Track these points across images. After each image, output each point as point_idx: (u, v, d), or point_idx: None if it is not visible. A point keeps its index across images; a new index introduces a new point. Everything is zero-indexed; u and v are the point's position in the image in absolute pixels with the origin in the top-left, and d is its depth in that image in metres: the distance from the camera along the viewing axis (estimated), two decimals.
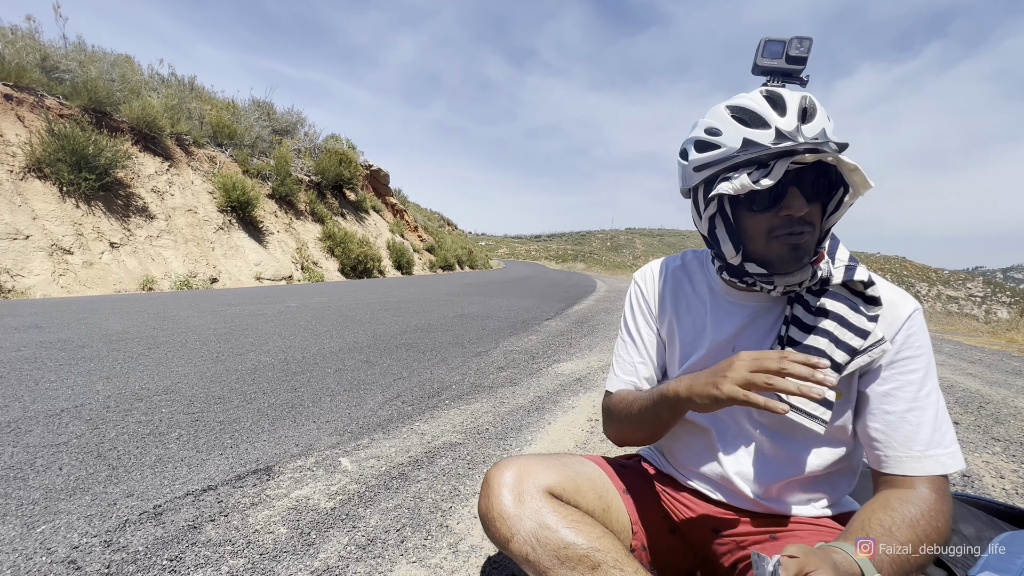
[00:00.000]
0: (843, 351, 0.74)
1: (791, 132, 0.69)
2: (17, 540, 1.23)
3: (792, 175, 0.72)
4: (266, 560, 1.21)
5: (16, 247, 6.50)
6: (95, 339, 3.53)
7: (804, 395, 0.60)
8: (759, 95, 0.72)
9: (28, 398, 2.25)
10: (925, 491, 0.69)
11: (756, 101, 0.72)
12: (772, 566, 0.52)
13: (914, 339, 0.75)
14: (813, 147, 0.67)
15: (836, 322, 0.75)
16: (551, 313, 6.57)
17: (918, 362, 0.74)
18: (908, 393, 0.73)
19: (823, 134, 0.69)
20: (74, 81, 8.66)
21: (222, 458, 1.77)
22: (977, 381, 3.92)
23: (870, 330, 0.73)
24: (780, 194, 0.72)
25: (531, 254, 76.56)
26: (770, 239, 0.75)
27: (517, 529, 0.80)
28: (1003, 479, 2.01)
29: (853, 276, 0.75)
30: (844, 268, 0.76)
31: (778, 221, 0.73)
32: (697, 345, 0.89)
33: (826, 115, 0.70)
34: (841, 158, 0.67)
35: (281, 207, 12.61)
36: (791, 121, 0.69)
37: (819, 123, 0.69)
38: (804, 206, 0.71)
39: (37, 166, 7.38)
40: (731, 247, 0.79)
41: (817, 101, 0.71)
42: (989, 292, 49.39)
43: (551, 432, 2.26)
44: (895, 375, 0.74)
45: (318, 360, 3.30)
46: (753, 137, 0.70)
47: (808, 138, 0.68)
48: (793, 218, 0.72)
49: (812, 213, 0.74)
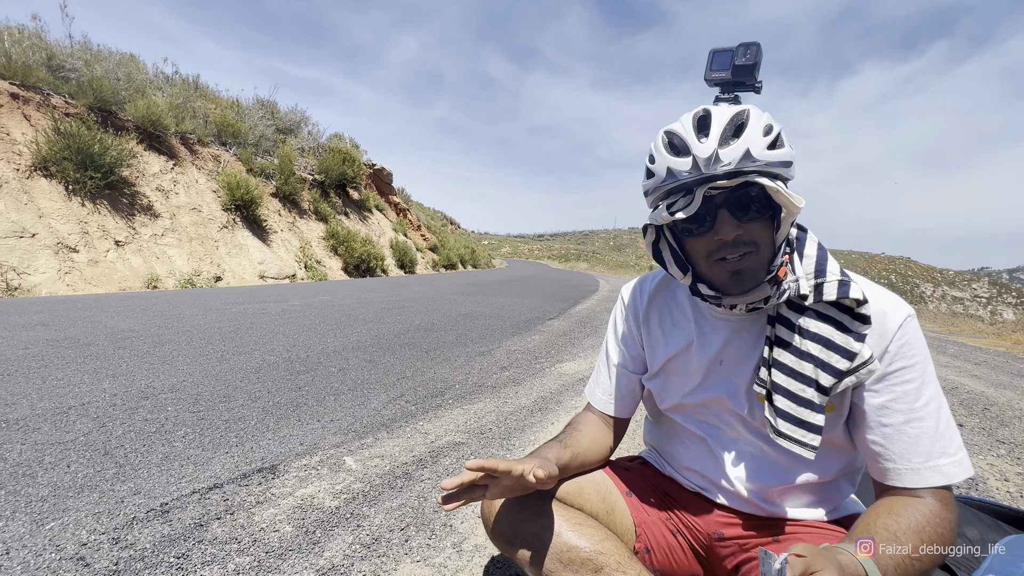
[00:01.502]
0: (829, 374, 0.72)
1: (707, 158, 0.68)
2: (27, 537, 1.24)
3: (720, 198, 0.72)
4: (272, 558, 1.22)
5: (22, 245, 6.55)
6: (101, 337, 3.56)
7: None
8: (688, 118, 0.72)
9: (36, 396, 2.27)
10: (928, 500, 0.68)
11: (684, 126, 0.72)
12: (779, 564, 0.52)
13: (907, 348, 0.72)
14: (731, 172, 0.68)
15: (822, 344, 0.73)
16: (554, 313, 6.57)
17: (913, 372, 0.71)
18: (904, 404, 0.70)
19: (747, 155, 0.67)
20: (80, 80, 8.70)
21: (228, 456, 1.78)
22: (982, 383, 3.90)
23: (857, 351, 0.70)
24: (712, 218, 0.73)
25: (534, 253, 76.53)
26: (711, 263, 0.76)
27: (520, 531, 0.81)
28: (1008, 482, 2.01)
29: (848, 293, 0.71)
30: (837, 284, 0.72)
31: (714, 244, 0.74)
32: (686, 362, 0.88)
33: (762, 130, 0.68)
34: (760, 180, 0.67)
35: (285, 206, 12.65)
36: (710, 146, 0.68)
37: (744, 143, 0.67)
38: (734, 229, 0.72)
39: (43, 164, 7.43)
40: (678, 270, 0.81)
41: (755, 117, 0.70)
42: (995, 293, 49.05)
43: (554, 432, 2.26)
44: (890, 387, 0.72)
45: (322, 359, 3.31)
46: (674, 166, 0.71)
47: (727, 161, 0.68)
48: (726, 241, 0.72)
49: (753, 231, 0.72)
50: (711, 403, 0.85)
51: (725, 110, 0.71)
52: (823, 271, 0.74)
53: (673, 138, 0.73)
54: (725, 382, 0.83)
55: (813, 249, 0.77)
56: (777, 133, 0.69)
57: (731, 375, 0.82)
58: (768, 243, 0.73)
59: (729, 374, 0.83)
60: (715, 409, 0.85)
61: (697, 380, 0.86)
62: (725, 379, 0.83)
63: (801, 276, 0.75)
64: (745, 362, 0.81)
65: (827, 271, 0.74)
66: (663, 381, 0.92)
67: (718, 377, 0.84)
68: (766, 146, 0.68)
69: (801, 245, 0.77)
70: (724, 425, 0.85)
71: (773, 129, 0.69)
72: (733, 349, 0.83)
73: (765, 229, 0.73)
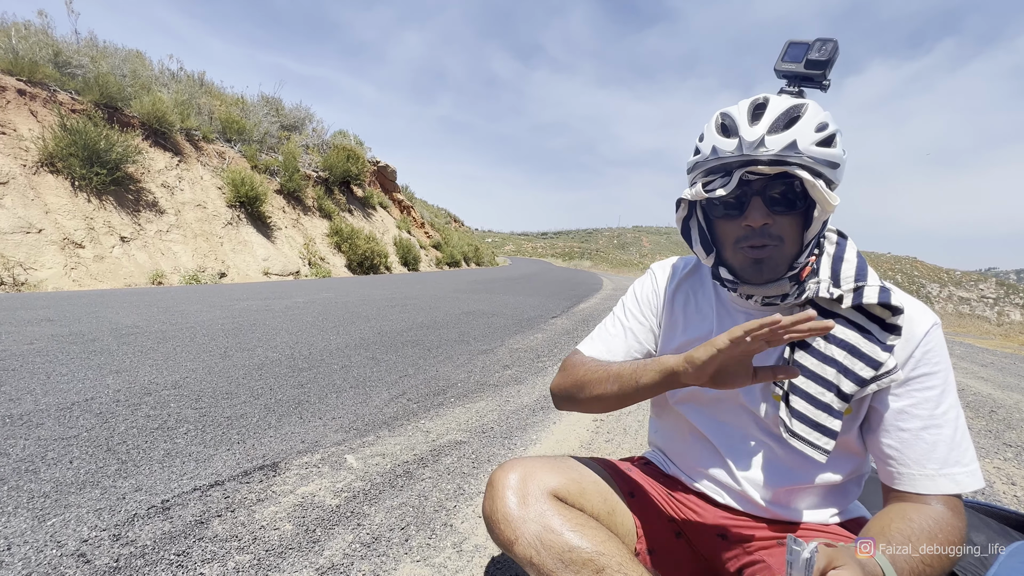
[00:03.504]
0: (852, 381, 0.72)
1: (752, 142, 0.69)
2: (28, 532, 1.24)
3: (758, 185, 0.72)
4: (272, 556, 1.22)
5: (29, 241, 6.59)
6: (105, 333, 3.57)
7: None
8: (746, 103, 0.73)
9: (40, 391, 2.28)
10: (939, 507, 0.68)
11: (740, 109, 0.73)
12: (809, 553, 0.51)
13: (931, 355, 0.72)
14: (772, 159, 0.67)
15: (847, 351, 0.72)
16: (557, 311, 6.57)
17: (935, 379, 0.71)
18: (924, 411, 0.71)
19: (793, 145, 0.67)
20: (86, 76, 8.74)
21: (229, 454, 1.78)
22: (989, 385, 3.86)
23: (883, 360, 0.70)
24: (745, 202, 0.73)
25: (537, 251, 76.49)
26: (736, 248, 0.76)
27: (521, 532, 0.80)
28: (1015, 486, 1.99)
29: (889, 299, 0.71)
30: (878, 289, 0.72)
31: (742, 231, 0.74)
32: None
33: (815, 126, 0.68)
34: (799, 173, 0.66)
35: (289, 203, 12.68)
36: (758, 131, 0.69)
37: (792, 134, 0.68)
38: (763, 217, 0.72)
39: (50, 160, 7.48)
40: (702, 250, 0.81)
41: (811, 112, 0.70)
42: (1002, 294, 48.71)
43: (556, 432, 2.25)
44: (911, 392, 0.72)
45: (324, 356, 3.31)
46: (720, 145, 0.72)
47: (772, 149, 0.68)
48: (753, 228, 0.72)
49: (780, 226, 0.72)
50: (725, 398, 0.85)
51: (784, 100, 0.72)
52: (864, 275, 0.75)
53: (726, 119, 0.73)
54: None
55: (853, 255, 0.77)
56: (831, 133, 0.69)
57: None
58: (795, 239, 0.73)
59: None
60: (728, 405, 0.85)
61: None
62: None
63: (825, 279, 0.75)
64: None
65: (868, 276, 0.75)
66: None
67: None
68: (815, 142, 0.68)
69: (841, 250, 0.78)
70: (735, 422, 0.85)
71: (828, 127, 0.69)
72: None
73: (794, 225, 0.73)
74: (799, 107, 0.70)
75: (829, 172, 0.69)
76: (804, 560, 0.51)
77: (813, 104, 0.72)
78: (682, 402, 0.91)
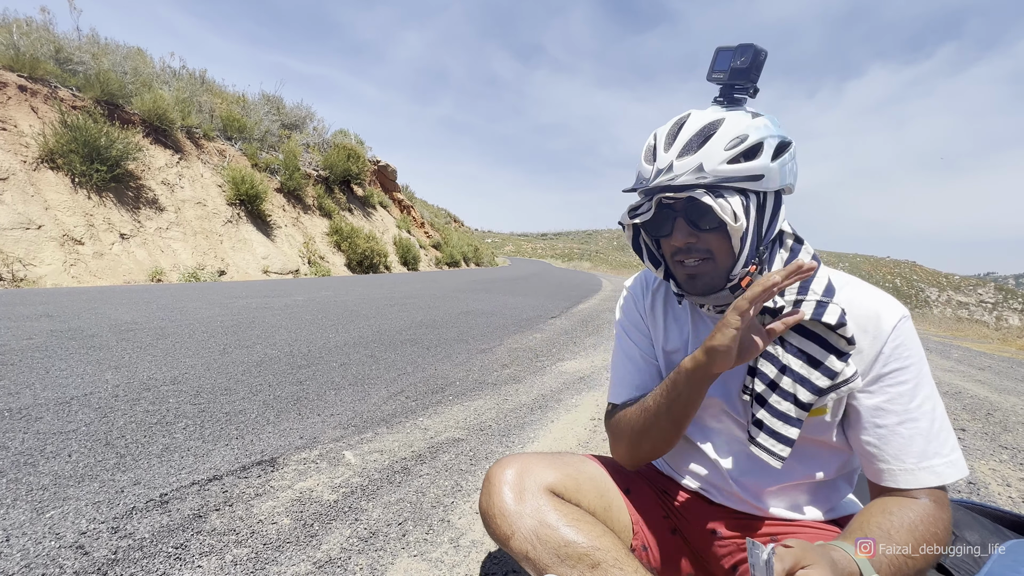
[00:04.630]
0: (808, 390, 0.72)
1: (663, 169, 0.72)
2: (27, 524, 1.25)
3: (679, 206, 0.74)
4: (269, 550, 1.22)
5: (28, 237, 6.59)
6: (105, 329, 3.58)
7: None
8: (667, 125, 0.76)
9: (39, 385, 2.28)
10: (923, 500, 0.68)
11: (663, 131, 0.75)
12: (767, 555, 0.52)
13: (902, 349, 0.71)
14: (679, 185, 0.71)
15: (803, 360, 0.73)
16: (556, 312, 6.57)
17: (907, 373, 0.71)
18: (899, 406, 0.71)
19: (699, 168, 0.69)
20: (87, 73, 8.74)
21: (228, 449, 1.79)
22: (986, 388, 3.88)
23: (838, 371, 0.71)
24: (672, 223, 0.76)
25: (537, 252, 76.49)
26: (673, 262, 0.80)
27: (518, 526, 0.81)
28: (1010, 487, 1.99)
29: (821, 316, 0.71)
30: (814, 304, 0.72)
31: (672, 248, 0.78)
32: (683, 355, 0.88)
33: (726, 143, 0.69)
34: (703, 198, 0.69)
35: (289, 201, 12.68)
36: (668, 157, 0.72)
37: (699, 157, 0.70)
38: (685, 237, 0.75)
39: (50, 157, 7.47)
40: (651, 265, 0.85)
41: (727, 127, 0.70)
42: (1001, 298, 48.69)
43: (554, 430, 2.26)
44: (884, 388, 0.72)
45: (323, 354, 3.32)
46: (642, 171, 0.76)
47: (678, 173, 0.70)
48: (679, 247, 0.76)
49: (707, 241, 0.74)
50: (708, 405, 0.85)
51: (704, 116, 0.73)
52: (806, 288, 0.75)
53: (653, 141, 0.77)
54: (720, 385, 0.83)
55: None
56: (751, 144, 0.69)
57: (726, 378, 0.83)
58: (726, 253, 0.74)
59: (724, 377, 0.83)
60: (712, 411, 0.86)
61: None
62: (720, 382, 0.83)
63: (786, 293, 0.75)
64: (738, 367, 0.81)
65: (810, 288, 0.74)
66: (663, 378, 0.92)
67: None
68: (726, 160, 0.69)
69: (794, 257, 0.78)
70: (720, 427, 0.86)
71: (746, 140, 0.69)
72: None
73: (723, 239, 0.73)
74: (715, 124, 0.71)
75: (751, 185, 0.70)
76: (763, 562, 0.52)
77: (733, 116, 0.72)
78: None
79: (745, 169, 0.69)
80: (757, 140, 0.70)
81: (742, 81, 0.77)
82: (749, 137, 0.70)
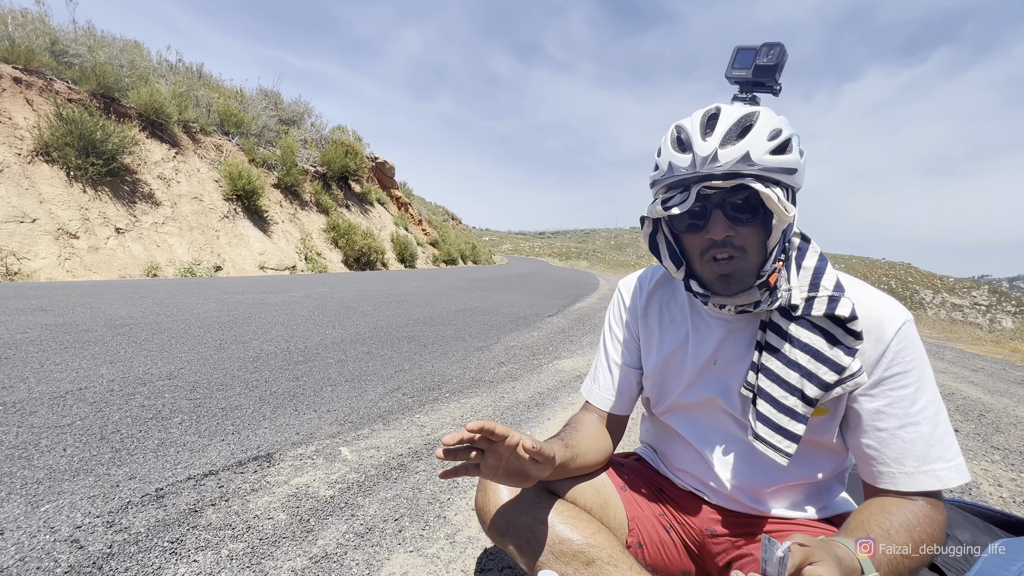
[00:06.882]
0: (815, 385, 0.72)
1: (706, 157, 0.68)
2: (22, 518, 1.24)
3: (717, 198, 0.72)
4: (265, 545, 1.23)
5: (23, 230, 6.54)
6: (100, 323, 3.56)
7: None
8: (698, 115, 0.73)
9: (33, 379, 2.27)
10: (919, 502, 0.69)
11: (693, 121, 0.72)
12: (782, 552, 0.52)
13: (904, 353, 0.71)
14: (726, 173, 0.68)
15: (810, 355, 0.72)
16: (553, 310, 6.58)
17: (909, 377, 0.71)
18: (900, 409, 0.70)
19: (746, 157, 0.67)
20: (83, 66, 8.67)
21: (224, 444, 1.78)
22: (979, 389, 3.91)
23: (845, 365, 0.70)
24: (707, 216, 0.74)
25: (534, 250, 76.48)
26: (702, 261, 0.77)
27: (513, 523, 0.81)
28: (1001, 487, 2.01)
29: (835, 310, 0.71)
30: (827, 299, 0.72)
31: (705, 243, 0.75)
32: (681, 360, 0.88)
33: (768, 134, 0.68)
34: (754, 185, 0.67)
35: (286, 197, 12.63)
36: (711, 145, 0.68)
37: (745, 146, 0.67)
38: (724, 229, 0.72)
39: (45, 150, 7.41)
40: (671, 264, 0.81)
41: (764, 120, 0.69)
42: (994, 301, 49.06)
43: (551, 427, 2.26)
44: (886, 391, 0.71)
45: (320, 350, 3.31)
46: (675, 161, 0.72)
47: (726, 162, 0.68)
48: (715, 241, 0.73)
49: (743, 236, 0.72)
50: (705, 402, 0.85)
51: (736, 110, 0.71)
52: (817, 285, 0.74)
53: (681, 132, 0.73)
54: (719, 382, 0.83)
55: (812, 261, 0.77)
56: (785, 139, 0.69)
57: (725, 375, 0.83)
58: (758, 248, 0.73)
59: (723, 374, 0.83)
60: (709, 409, 0.85)
61: (692, 378, 0.86)
62: (719, 379, 0.83)
63: (795, 286, 0.75)
64: (739, 363, 0.81)
65: (821, 285, 0.74)
66: (658, 382, 0.92)
67: (712, 377, 0.84)
68: (768, 151, 0.68)
69: (802, 256, 0.77)
70: (717, 425, 0.85)
71: (781, 134, 0.69)
72: (727, 350, 0.82)
73: (757, 234, 0.73)
74: (751, 116, 0.70)
75: (786, 178, 0.69)
76: (778, 559, 0.52)
77: (765, 111, 0.71)
78: (666, 412, 0.92)
79: (785, 161, 0.68)
80: (790, 134, 0.70)
81: (767, 78, 0.78)
82: (783, 131, 0.69)
